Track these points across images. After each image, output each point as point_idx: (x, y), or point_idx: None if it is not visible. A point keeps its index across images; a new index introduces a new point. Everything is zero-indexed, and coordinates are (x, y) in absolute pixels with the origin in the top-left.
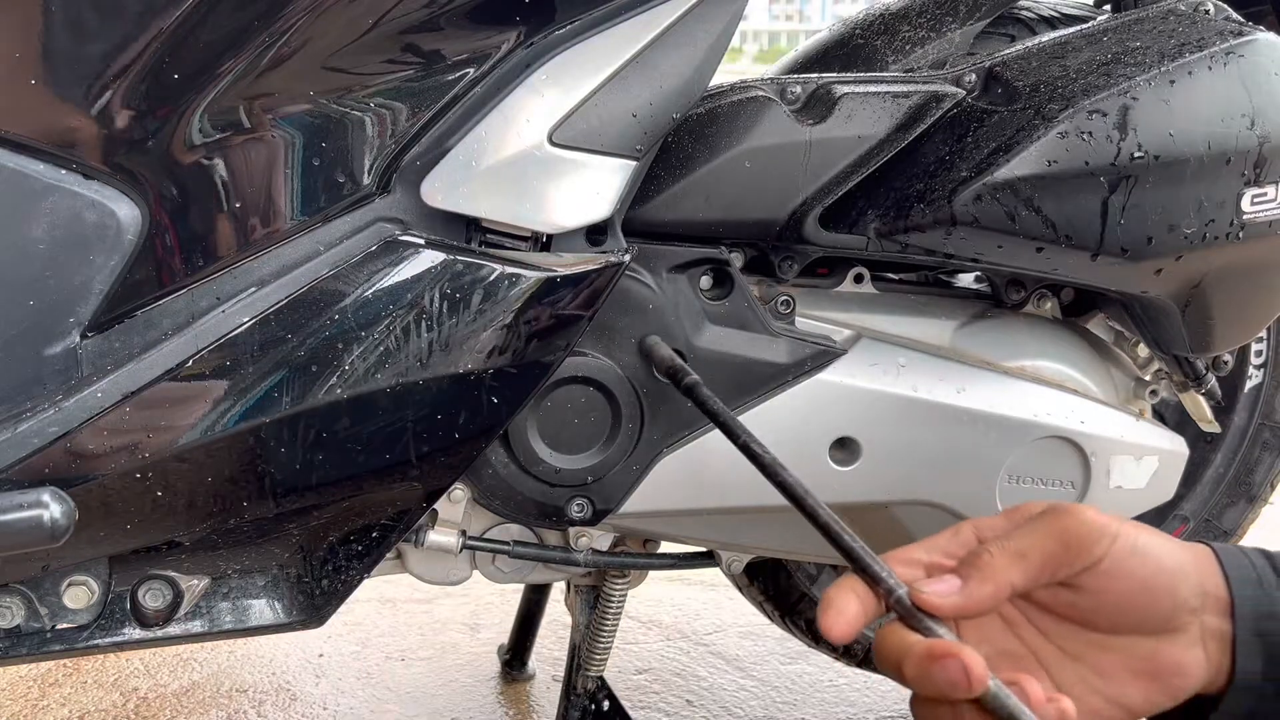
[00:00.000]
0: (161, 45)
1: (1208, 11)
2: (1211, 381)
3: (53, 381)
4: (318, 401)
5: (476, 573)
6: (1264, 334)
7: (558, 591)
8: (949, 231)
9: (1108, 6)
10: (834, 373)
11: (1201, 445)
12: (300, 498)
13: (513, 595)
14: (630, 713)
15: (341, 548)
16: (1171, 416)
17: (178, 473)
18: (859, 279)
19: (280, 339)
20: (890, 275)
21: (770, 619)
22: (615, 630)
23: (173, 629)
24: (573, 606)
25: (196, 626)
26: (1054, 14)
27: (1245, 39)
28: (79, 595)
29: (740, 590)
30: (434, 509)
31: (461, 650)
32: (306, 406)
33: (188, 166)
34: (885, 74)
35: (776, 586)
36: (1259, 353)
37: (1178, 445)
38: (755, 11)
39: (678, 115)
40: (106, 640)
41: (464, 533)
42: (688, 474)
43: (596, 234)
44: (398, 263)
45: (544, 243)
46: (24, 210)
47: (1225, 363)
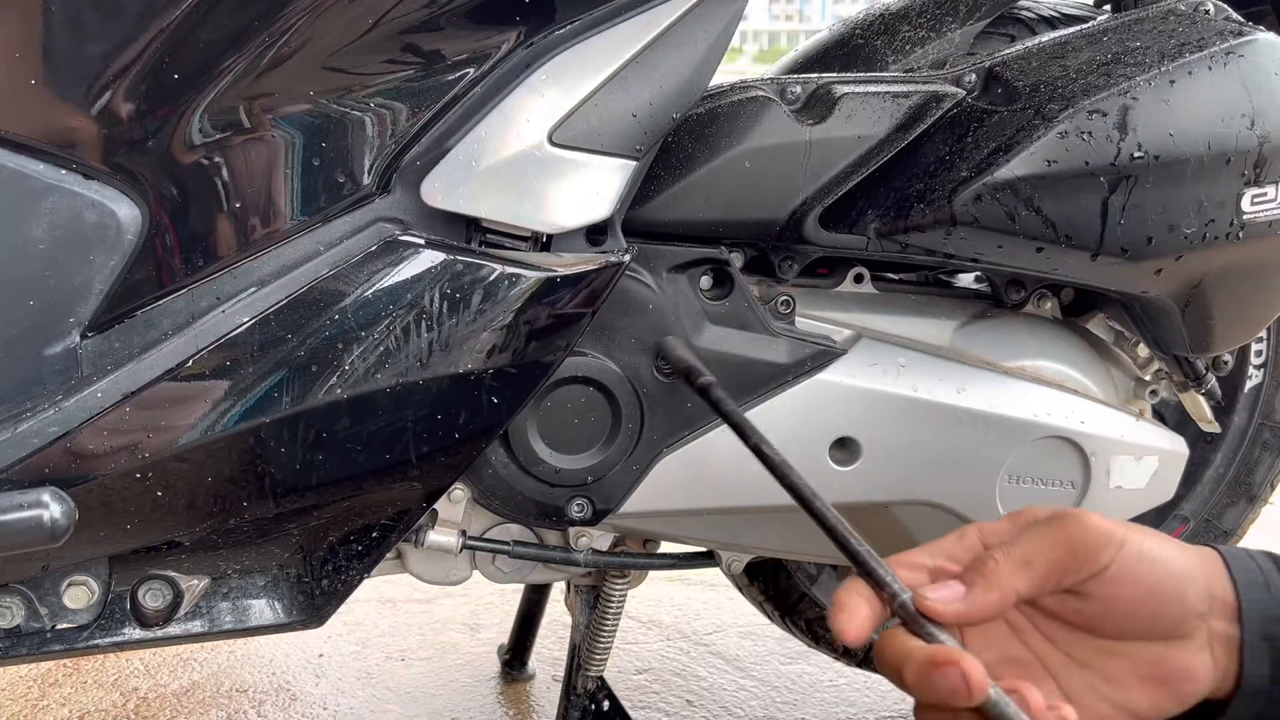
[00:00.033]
0: (161, 45)
1: (1208, 11)
2: (1211, 381)
3: (53, 381)
4: (318, 401)
5: (476, 573)
6: (1264, 334)
7: (558, 591)
8: (949, 231)
9: (1108, 6)
10: (834, 373)
11: (1201, 445)
12: (300, 498)
13: (513, 595)
14: (630, 713)
15: (341, 548)
16: (1171, 416)
17: (178, 473)
18: (859, 279)
19: (280, 339)
20: (890, 275)
21: (770, 619)
22: (615, 630)
23: (173, 629)
24: (573, 606)
25: (196, 626)
26: (1054, 14)
27: (1245, 39)
28: (79, 595)
29: (740, 590)
30: (434, 509)
31: (461, 650)
32: (306, 406)
33: (188, 166)
34: (885, 74)
35: (776, 586)
36: (1259, 353)
37: (1178, 445)
38: (755, 11)
39: (678, 115)
40: (106, 640)
41: (464, 533)
42: (688, 474)
43: (596, 234)
44: (398, 263)
45: (544, 243)
46: (24, 210)
47: (1225, 363)
